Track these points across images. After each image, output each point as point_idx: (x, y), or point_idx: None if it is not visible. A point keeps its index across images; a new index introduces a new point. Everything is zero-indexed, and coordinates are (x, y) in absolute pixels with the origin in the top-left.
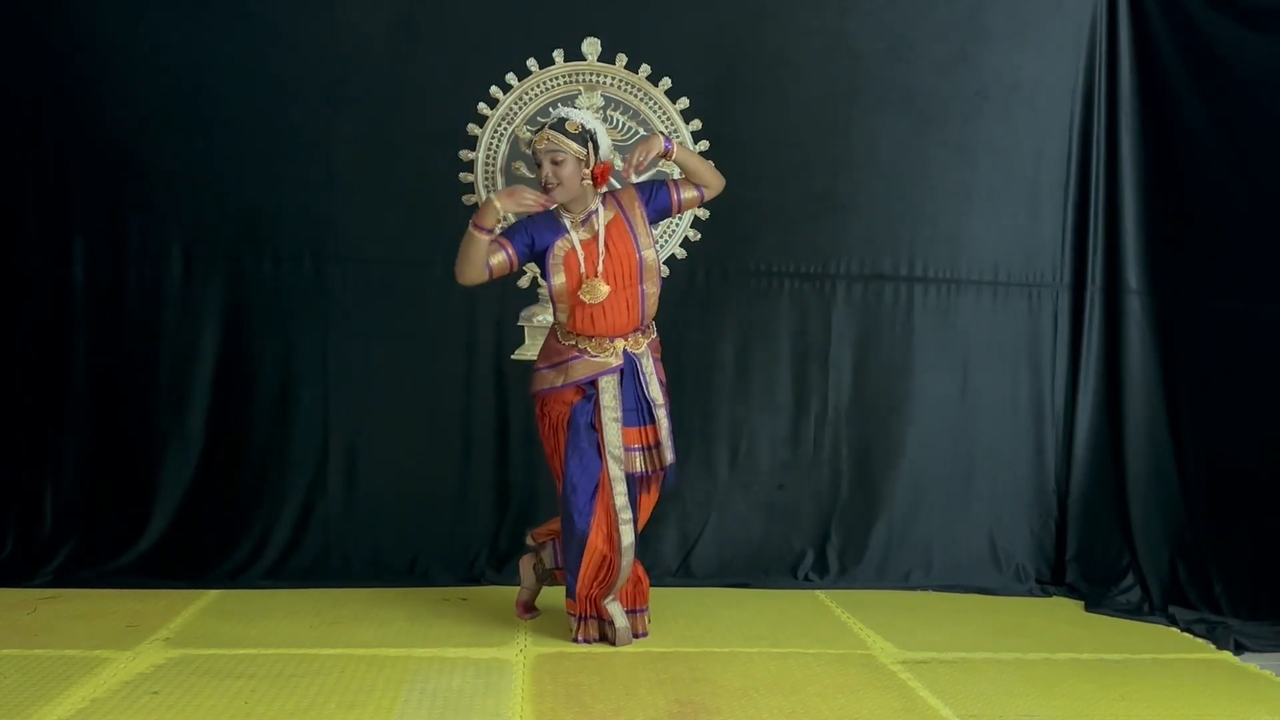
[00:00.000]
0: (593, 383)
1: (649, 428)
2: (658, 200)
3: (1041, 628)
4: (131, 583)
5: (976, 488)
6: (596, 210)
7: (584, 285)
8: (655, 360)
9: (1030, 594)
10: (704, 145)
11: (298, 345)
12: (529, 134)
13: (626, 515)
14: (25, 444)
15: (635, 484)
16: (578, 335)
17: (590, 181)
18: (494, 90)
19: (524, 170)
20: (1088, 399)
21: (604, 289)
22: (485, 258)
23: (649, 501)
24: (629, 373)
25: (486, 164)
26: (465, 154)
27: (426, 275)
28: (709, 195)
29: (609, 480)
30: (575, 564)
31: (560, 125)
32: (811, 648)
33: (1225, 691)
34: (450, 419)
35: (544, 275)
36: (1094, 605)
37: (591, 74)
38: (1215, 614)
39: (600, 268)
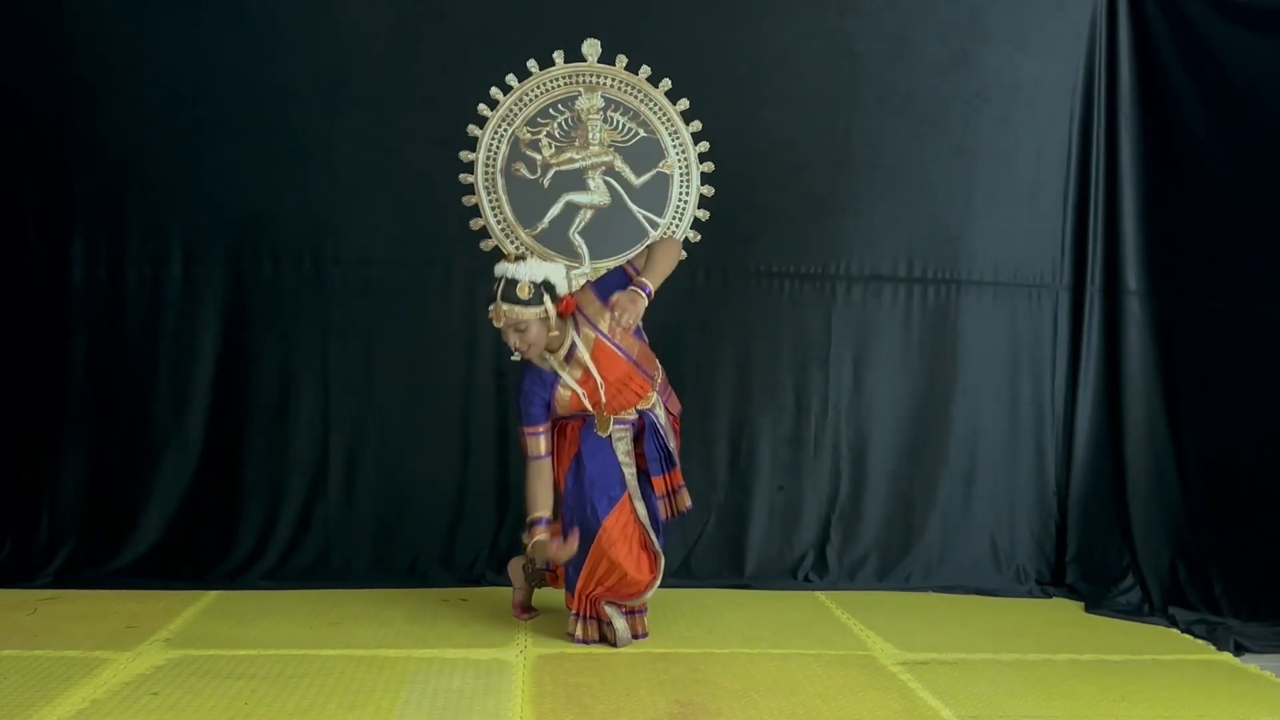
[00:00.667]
0: None
1: (670, 475)
2: (616, 285)
3: (1041, 629)
4: (131, 584)
5: (976, 489)
6: (575, 344)
7: (598, 420)
8: (667, 399)
9: (1030, 595)
10: (704, 146)
11: (298, 346)
12: (529, 135)
13: (661, 557)
14: (25, 445)
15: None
16: (603, 413)
17: (560, 320)
18: (494, 91)
19: (524, 172)
20: (1087, 400)
21: (610, 419)
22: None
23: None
24: (648, 429)
25: (487, 165)
26: (465, 155)
27: (427, 276)
28: (677, 255)
29: (635, 513)
30: (580, 560)
31: (511, 294)
32: (812, 649)
33: (1225, 692)
34: (450, 420)
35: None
36: (1094, 606)
37: (591, 75)
38: (1215, 615)
39: (603, 398)
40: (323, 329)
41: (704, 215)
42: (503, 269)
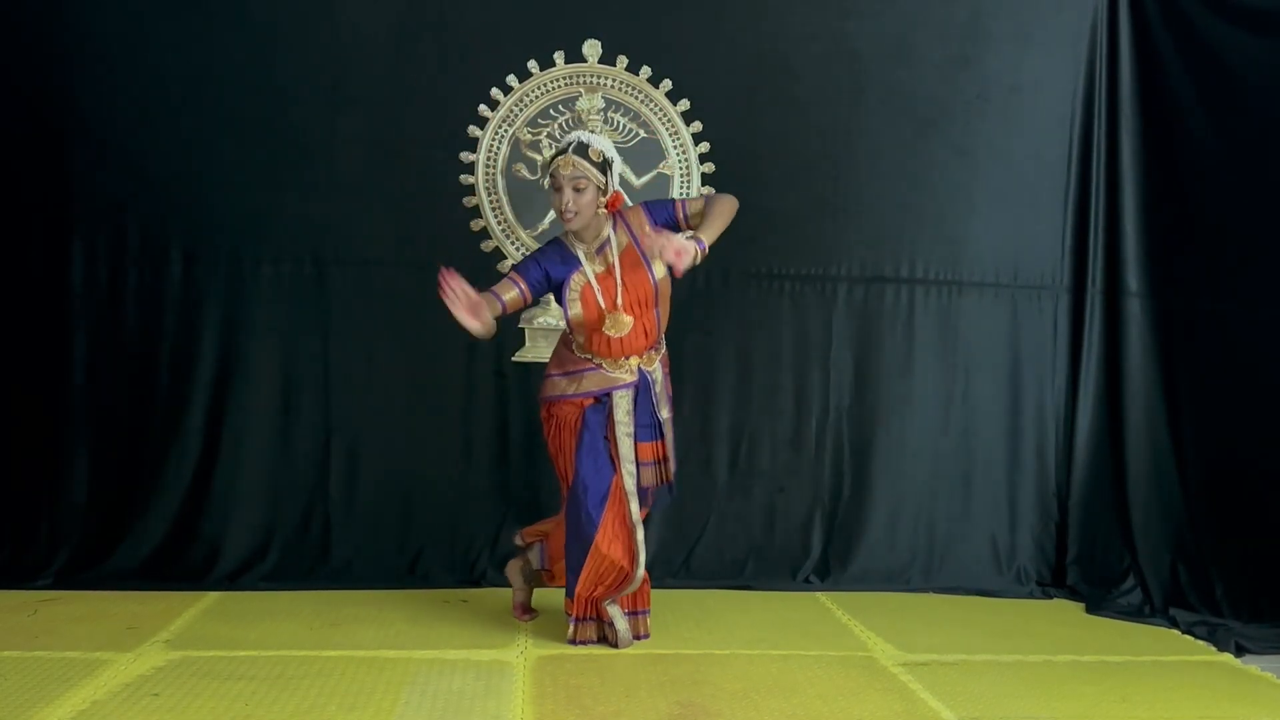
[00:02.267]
0: (606, 394)
1: (660, 443)
2: (664, 217)
3: (1042, 630)
4: (132, 585)
5: (977, 490)
6: (609, 240)
7: (607, 320)
8: (665, 375)
9: (1031, 596)
10: (704, 147)
11: (298, 347)
12: (529, 136)
13: (640, 528)
14: (25, 445)
15: (643, 498)
16: (593, 353)
17: (604, 210)
18: (495, 92)
19: (524, 173)
20: (1088, 401)
21: (627, 320)
22: (491, 313)
23: (642, 515)
24: (642, 389)
25: (487, 166)
26: (466, 156)
27: (427, 276)
28: (733, 210)
29: (624, 492)
30: (578, 564)
31: (583, 150)
32: (812, 650)
33: (1226, 693)
34: (451, 421)
35: (560, 304)
36: (1095, 607)
37: (592, 76)
38: (1216, 616)
39: (620, 300)
40: (323, 330)
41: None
42: (578, 134)
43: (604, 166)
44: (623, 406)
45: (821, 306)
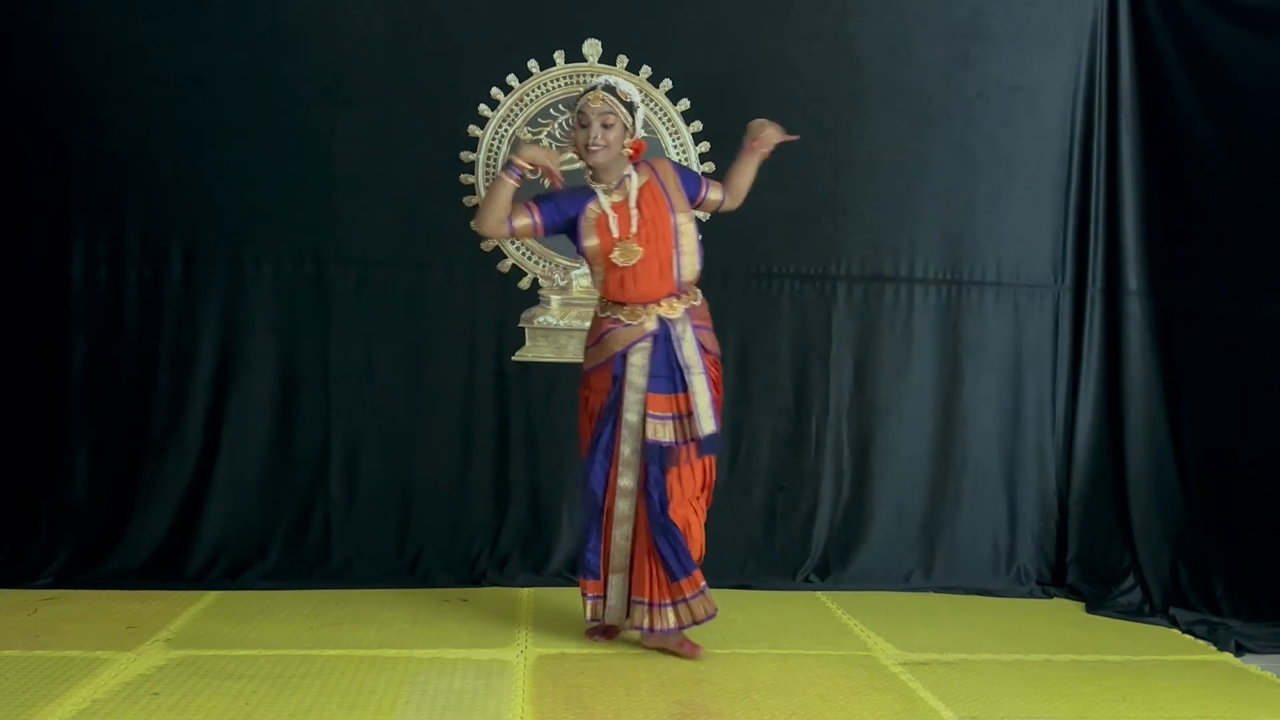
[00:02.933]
0: (623, 357)
1: (681, 396)
2: (689, 184)
3: (1042, 629)
4: (132, 584)
5: (977, 489)
6: (629, 175)
7: (617, 247)
8: (700, 328)
9: (1031, 595)
10: (705, 147)
11: (298, 346)
12: (529, 136)
13: (628, 486)
14: (25, 445)
15: (664, 455)
16: (613, 304)
17: (627, 152)
18: (495, 91)
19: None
20: (1088, 401)
21: (637, 249)
22: (508, 208)
23: (690, 478)
24: (662, 338)
25: (487, 165)
26: (466, 155)
27: (427, 276)
28: (728, 207)
29: (618, 457)
30: (596, 539)
31: (612, 89)
32: (812, 649)
33: (1226, 693)
34: (451, 420)
35: (576, 241)
36: (1095, 607)
37: (592, 75)
38: (1216, 615)
39: (634, 229)
40: (323, 329)
41: (704, 216)
42: (606, 76)
43: (631, 108)
44: (638, 360)
45: (821, 305)
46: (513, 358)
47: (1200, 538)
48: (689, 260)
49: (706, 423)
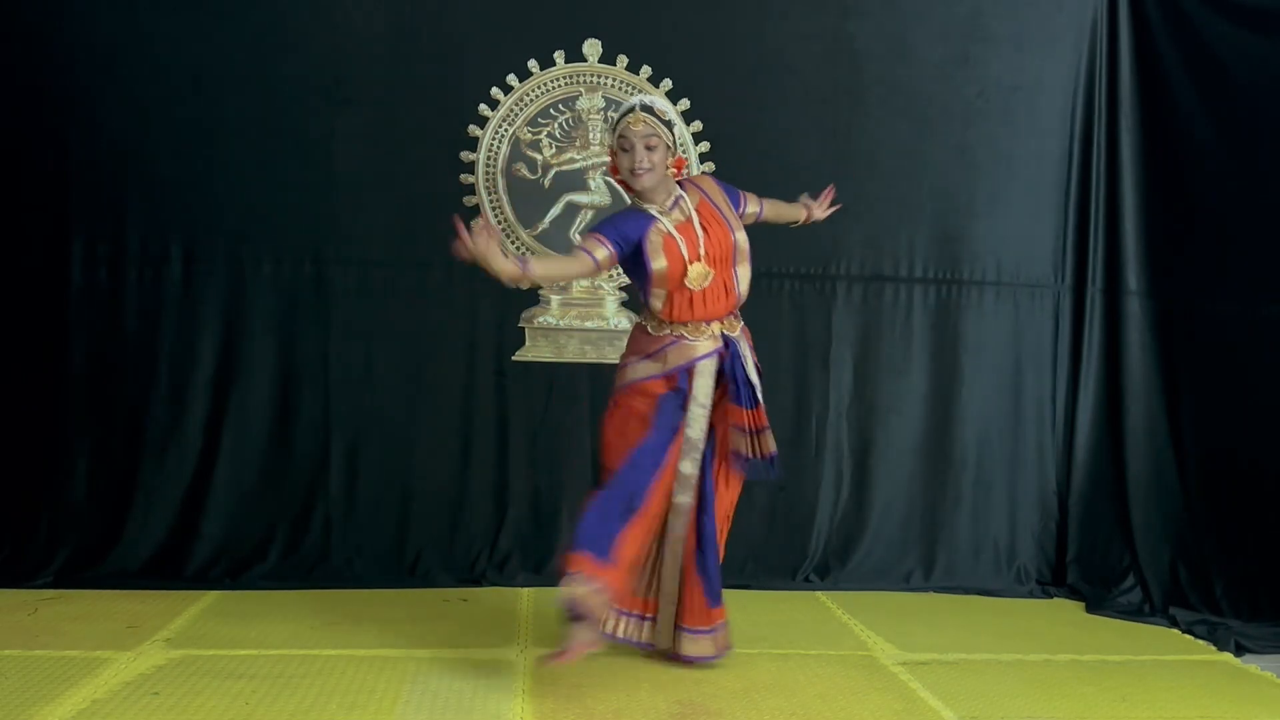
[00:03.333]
0: (687, 372)
1: (755, 411)
2: (732, 198)
3: (1042, 629)
4: (132, 584)
5: (977, 489)
6: (682, 196)
7: (689, 271)
8: (750, 347)
9: (1031, 595)
10: (705, 146)
11: (298, 346)
12: (529, 135)
13: (685, 503)
14: (25, 445)
15: (742, 467)
16: (673, 323)
17: (671, 170)
18: (495, 91)
19: (524, 172)
20: (1088, 400)
21: (709, 273)
22: (575, 267)
23: (727, 497)
24: (731, 356)
25: (487, 165)
26: (466, 155)
27: (427, 276)
28: (763, 218)
29: (676, 474)
30: (617, 529)
31: (651, 110)
32: (812, 649)
33: (1226, 693)
34: (451, 420)
35: (642, 264)
36: (1095, 607)
37: (592, 75)
38: (1216, 615)
39: (702, 250)
40: (323, 329)
41: None
42: (639, 97)
43: (669, 126)
44: (702, 384)
45: (821, 305)
46: (513, 358)
47: (1200, 537)
48: (745, 275)
49: (771, 442)
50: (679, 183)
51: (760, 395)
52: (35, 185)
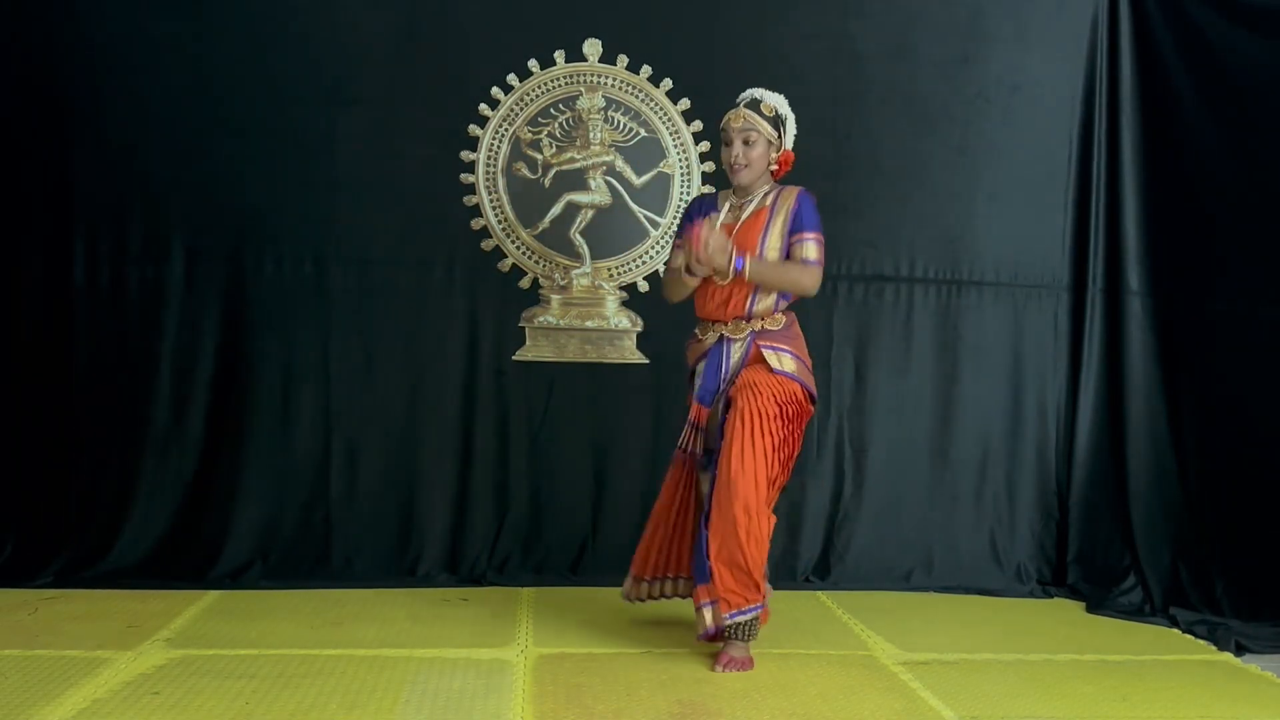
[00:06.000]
0: (693, 371)
1: (699, 408)
2: (794, 222)
3: (1043, 629)
4: (132, 583)
5: (978, 489)
6: (766, 196)
7: (720, 268)
8: (775, 348)
9: (1031, 595)
10: (705, 146)
11: (299, 345)
12: (530, 135)
13: (704, 491)
14: (26, 444)
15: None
16: (698, 318)
17: (773, 169)
18: (495, 91)
19: (525, 171)
20: (1089, 400)
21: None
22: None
23: (744, 487)
24: (713, 352)
25: (488, 164)
26: (466, 154)
27: (428, 276)
28: (803, 291)
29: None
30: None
31: (755, 105)
32: (812, 649)
33: (1226, 693)
34: (451, 420)
35: None
36: (1095, 606)
37: (593, 75)
38: (1217, 615)
39: (732, 252)
40: (324, 329)
41: None
42: (753, 90)
43: (776, 122)
44: (699, 375)
45: (821, 305)
46: (513, 357)
47: (1201, 537)
48: (765, 295)
49: (701, 441)
50: (780, 183)
51: (720, 397)
52: (36, 185)
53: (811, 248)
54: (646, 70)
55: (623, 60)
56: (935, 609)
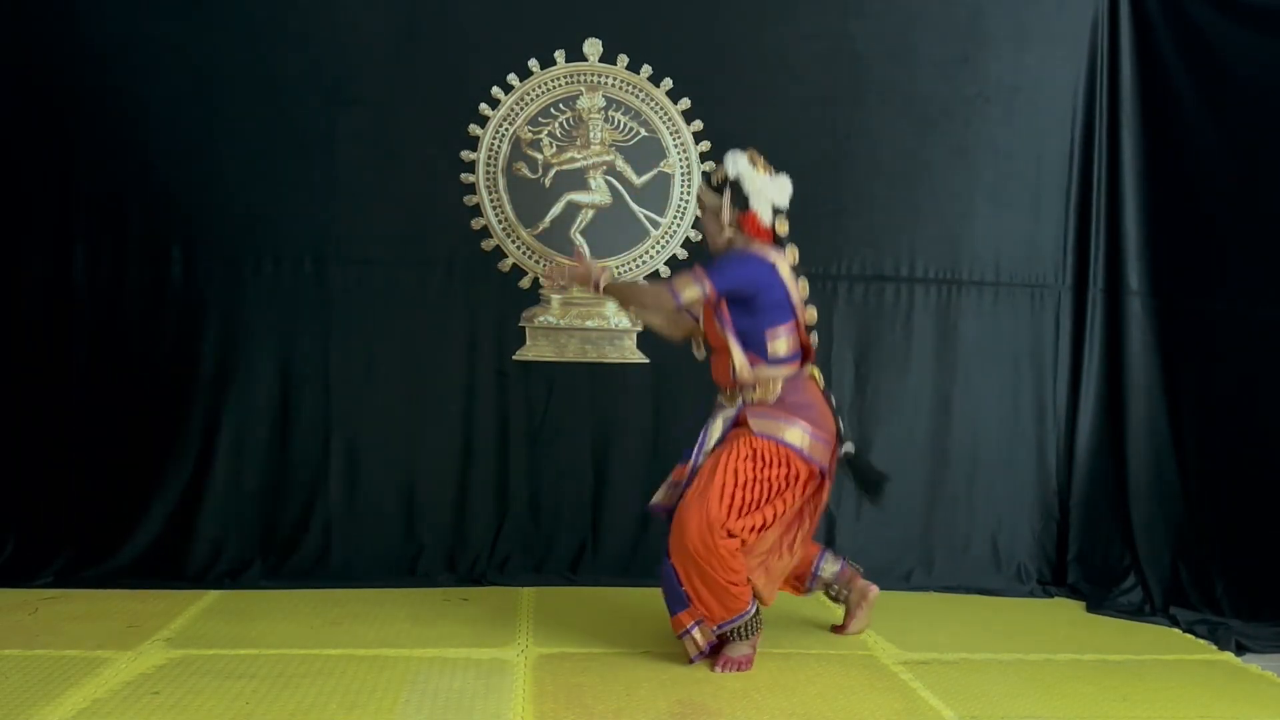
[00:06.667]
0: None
1: (681, 465)
2: (710, 270)
3: (1043, 628)
4: (132, 583)
5: (978, 488)
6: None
7: (695, 345)
8: (760, 416)
9: (1032, 595)
10: (705, 146)
11: (298, 345)
12: (530, 135)
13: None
14: (26, 444)
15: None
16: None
17: (739, 232)
18: (495, 91)
19: (525, 171)
20: (1089, 400)
21: (703, 348)
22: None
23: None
24: (710, 419)
25: (488, 164)
26: (466, 154)
27: (428, 275)
28: (656, 304)
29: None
30: None
31: (706, 175)
32: (813, 648)
33: (1226, 693)
34: (451, 419)
35: None
36: (1095, 606)
37: (593, 74)
38: (1217, 615)
39: (701, 322)
40: (324, 329)
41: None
42: (729, 154)
43: (723, 188)
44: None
45: (822, 305)
46: (513, 357)
47: (1201, 537)
48: (743, 368)
49: (667, 496)
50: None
51: (703, 460)
52: (37, 186)
53: (685, 274)
54: (647, 70)
55: (623, 60)
56: (935, 609)
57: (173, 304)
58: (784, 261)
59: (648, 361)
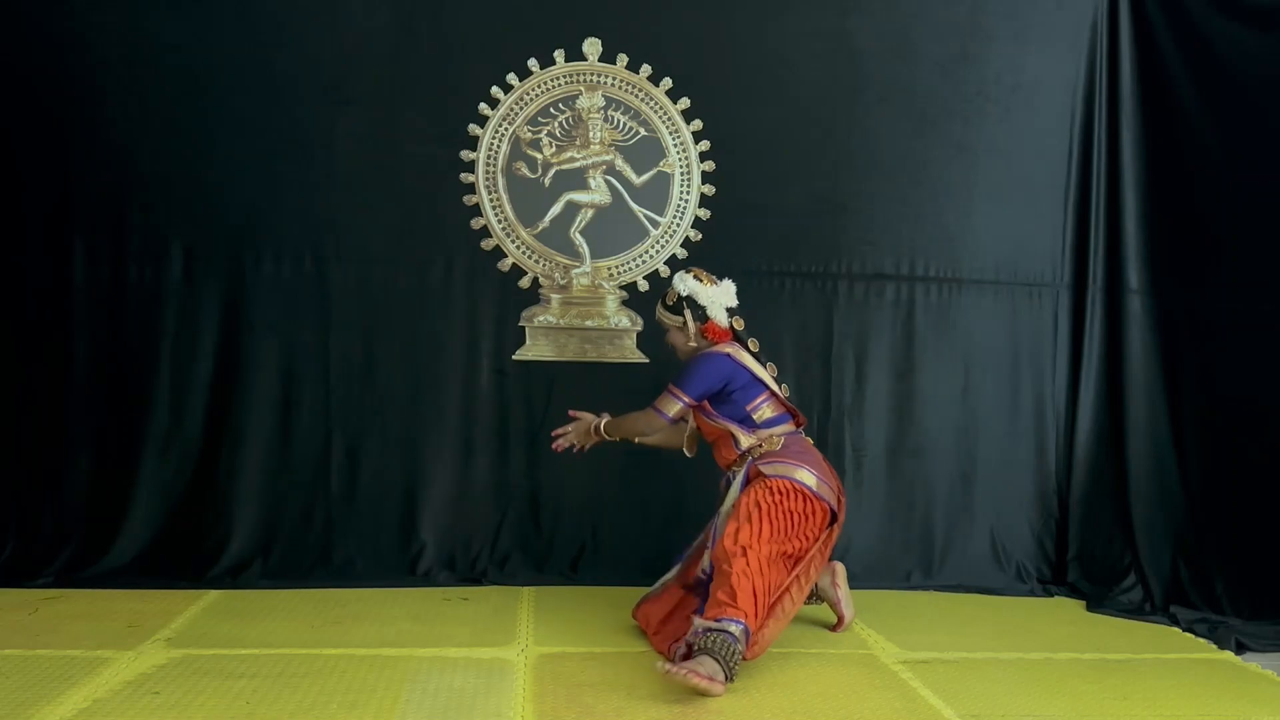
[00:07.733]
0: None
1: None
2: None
3: (1043, 627)
4: (133, 583)
5: (978, 487)
6: None
7: (687, 441)
8: (770, 461)
9: (1032, 594)
10: (705, 145)
11: (298, 345)
12: (529, 134)
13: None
14: (27, 444)
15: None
16: None
17: (704, 338)
18: (495, 90)
19: (525, 171)
20: (1089, 399)
21: (694, 452)
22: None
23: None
24: (726, 484)
25: (488, 164)
26: (466, 154)
27: (428, 275)
28: (647, 429)
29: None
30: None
31: (661, 299)
32: (813, 647)
33: (1227, 692)
34: (451, 419)
35: None
36: (1096, 605)
37: (592, 74)
38: (1217, 614)
39: (707, 418)
40: (323, 328)
41: (705, 214)
42: (677, 276)
43: (678, 307)
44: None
45: (822, 304)
46: (513, 357)
47: (1201, 536)
48: (738, 432)
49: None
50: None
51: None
52: (37, 184)
53: (663, 394)
54: (646, 69)
55: (622, 59)
56: (935, 608)
57: (172, 302)
58: (742, 350)
59: (648, 361)
